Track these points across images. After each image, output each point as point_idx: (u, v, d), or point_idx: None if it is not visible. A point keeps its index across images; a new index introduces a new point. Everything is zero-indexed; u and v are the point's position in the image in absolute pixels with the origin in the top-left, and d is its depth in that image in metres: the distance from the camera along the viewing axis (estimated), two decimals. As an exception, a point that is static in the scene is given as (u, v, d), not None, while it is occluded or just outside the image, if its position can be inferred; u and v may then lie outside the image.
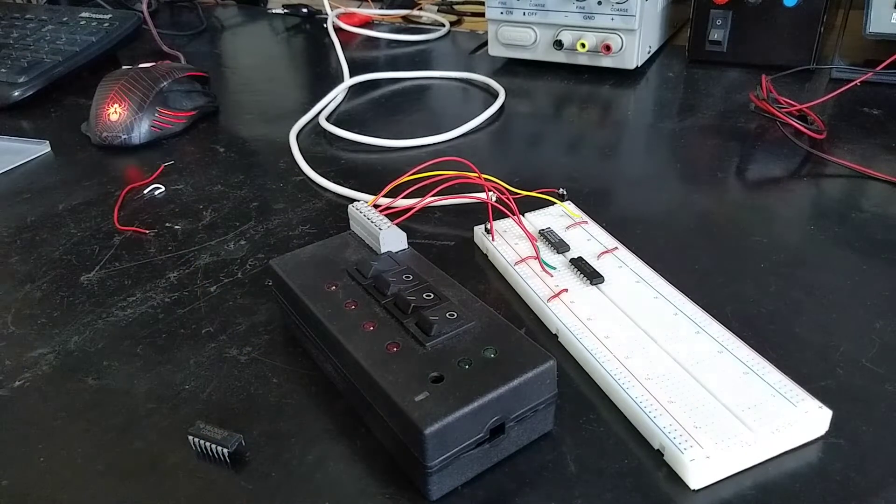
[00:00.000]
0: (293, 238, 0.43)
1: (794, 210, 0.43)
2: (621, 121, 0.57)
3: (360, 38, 0.80)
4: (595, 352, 0.31)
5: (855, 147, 0.50)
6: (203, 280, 0.39)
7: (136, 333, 0.36)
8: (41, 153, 0.56)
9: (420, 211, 0.41)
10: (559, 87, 0.64)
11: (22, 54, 0.67)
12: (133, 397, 0.32)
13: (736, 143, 0.52)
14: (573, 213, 0.41)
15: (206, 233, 0.44)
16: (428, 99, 0.63)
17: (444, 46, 0.77)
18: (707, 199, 0.45)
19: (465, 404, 0.25)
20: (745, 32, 0.63)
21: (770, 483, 0.26)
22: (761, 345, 0.31)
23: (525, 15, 0.64)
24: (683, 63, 0.67)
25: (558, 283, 0.36)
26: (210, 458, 0.28)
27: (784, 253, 0.39)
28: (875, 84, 0.58)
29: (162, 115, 0.56)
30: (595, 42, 0.63)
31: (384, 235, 0.34)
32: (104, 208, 0.47)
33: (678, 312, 0.33)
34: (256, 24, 0.89)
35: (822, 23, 0.60)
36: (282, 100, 0.65)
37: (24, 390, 0.32)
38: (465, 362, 0.27)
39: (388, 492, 0.27)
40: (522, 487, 0.26)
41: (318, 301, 0.31)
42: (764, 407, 0.28)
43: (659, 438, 0.27)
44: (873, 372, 0.31)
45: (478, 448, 0.26)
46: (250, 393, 0.31)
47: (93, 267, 0.41)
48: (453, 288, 0.31)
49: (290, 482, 0.27)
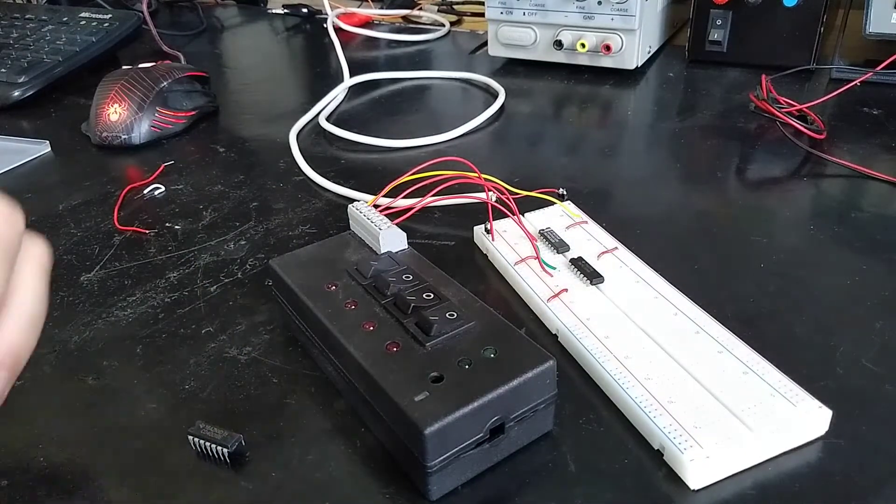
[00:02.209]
0: (293, 238, 0.43)
1: (794, 210, 0.43)
2: (621, 121, 0.57)
3: (360, 38, 0.80)
4: (595, 352, 0.31)
5: (855, 147, 0.50)
6: (203, 280, 0.39)
7: (136, 333, 0.36)
8: (41, 153, 0.56)
9: (420, 211, 0.41)
10: (559, 87, 0.64)
11: (22, 54, 0.67)
12: (133, 397, 0.32)
13: (736, 143, 0.52)
14: (573, 213, 0.41)
15: (206, 233, 0.44)
16: (428, 99, 0.63)
17: (444, 46, 0.77)
18: (707, 199, 0.45)
19: (465, 404, 0.25)
20: (745, 32, 0.63)
21: (770, 483, 0.26)
22: (761, 345, 0.31)
23: (525, 15, 0.64)
24: (683, 63, 0.67)
25: (558, 283, 0.36)
26: (210, 458, 0.28)
27: (784, 253, 0.39)
28: (875, 84, 0.58)
29: (162, 115, 0.56)
30: (595, 42, 0.63)
31: (384, 235, 0.34)
32: (104, 208, 0.47)
33: (678, 312, 0.33)
34: (256, 24, 0.89)
35: (822, 23, 0.60)
36: (282, 100, 0.65)
37: (24, 390, 0.32)
38: (464, 362, 0.27)
39: (388, 492, 0.27)
40: (522, 487, 0.26)
41: (318, 301, 0.31)
42: (764, 407, 0.28)
43: (659, 438, 0.27)
44: (873, 372, 0.31)
45: (478, 448, 0.26)
46: (250, 393, 0.31)
47: (93, 267, 0.41)
48: (453, 288, 0.31)
49: (290, 482, 0.27)
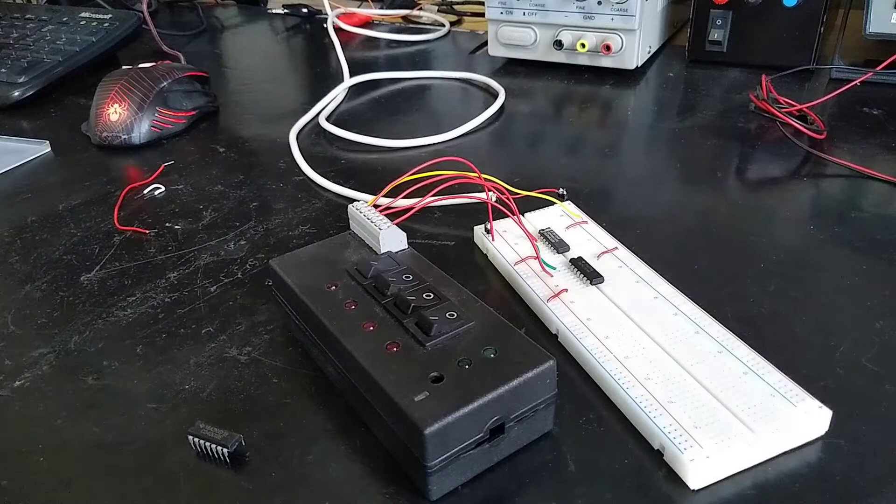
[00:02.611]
0: (293, 238, 0.43)
1: (794, 210, 0.43)
2: (621, 121, 0.57)
3: (360, 38, 0.80)
4: (595, 352, 0.31)
5: (855, 147, 0.50)
6: (203, 280, 0.39)
7: (136, 333, 0.36)
8: (41, 153, 0.56)
9: (420, 211, 0.41)
10: (559, 87, 0.64)
11: (22, 54, 0.67)
12: (133, 397, 0.32)
13: (736, 143, 0.52)
14: (573, 213, 0.41)
15: (206, 233, 0.44)
16: (428, 99, 0.63)
17: (444, 46, 0.77)
18: (707, 199, 0.45)
19: (465, 404, 0.25)
20: (745, 32, 0.63)
21: (770, 483, 0.26)
22: (761, 345, 0.31)
23: (525, 15, 0.64)
24: (683, 63, 0.67)
25: (558, 283, 0.36)
26: (210, 458, 0.28)
27: (784, 253, 0.39)
28: (875, 84, 0.58)
29: (162, 115, 0.56)
30: (595, 42, 0.63)
31: (384, 235, 0.34)
32: (104, 208, 0.47)
33: (678, 312, 0.33)
34: (256, 24, 0.89)
35: (822, 23, 0.60)
36: (282, 100, 0.65)
37: (24, 390, 0.32)
38: (464, 362, 0.27)
39: (388, 492, 0.27)
40: (522, 487, 0.26)
41: (318, 301, 0.31)
42: (764, 407, 0.28)
43: (659, 438, 0.27)
44: (873, 372, 0.31)
45: (478, 448, 0.26)
46: (250, 393, 0.31)
47: (93, 267, 0.41)
48: (453, 288, 0.31)
49: (290, 482, 0.27)
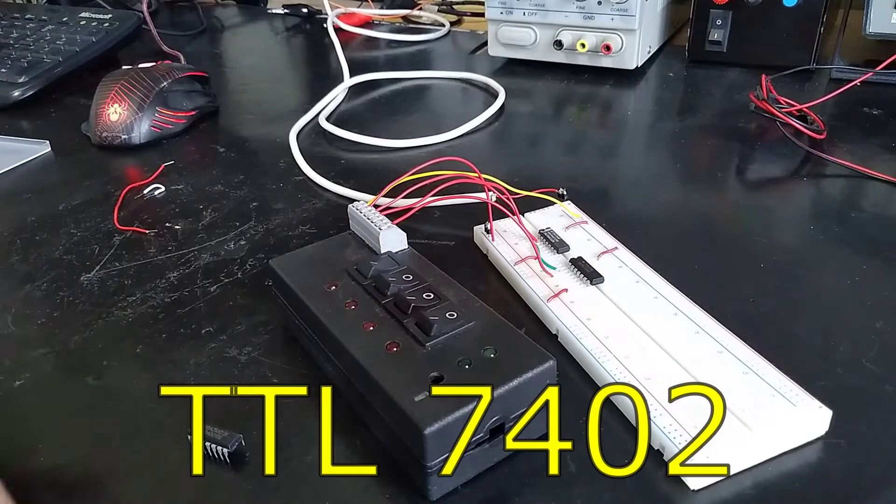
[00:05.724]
0: (293, 238, 0.43)
1: (794, 210, 0.43)
2: (621, 121, 0.57)
3: (360, 38, 0.80)
4: (595, 352, 0.31)
5: (855, 147, 0.50)
6: (203, 280, 0.39)
7: (136, 333, 0.36)
8: (41, 153, 0.56)
9: (420, 211, 0.41)
10: (559, 87, 0.64)
11: (22, 54, 0.67)
12: (133, 397, 0.32)
13: (736, 143, 0.52)
14: (573, 213, 0.41)
15: (206, 233, 0.44)
16: (428, 99, 0.63)
17: (444, 46, 0.77)
18: (707, 199, 0.45)
19: (465, 404, 0.25)
20: (745, 32, 0.63)
21: (770, 483, 0.26)
22: (761, 345, 0.31)
23: (525, 15, 0.64)
24: (683, 63, 0.67)
25: (558, 282, 0.36)
26: (210, 458, 0.28)
27: (784, 253, 0.39)
28: (875, 84, 0.58)
29: (162, 115, 0.56)
30: (595, 42, 0.63)
31: (384, 235, 0.34)
32: (104, 208, 0.47)
33: (678, 312, 0.33)
34: (256, 24, 0.89)
35: (822, 23, 0.60)
36: (282, 100, 0.65)
37: (24, 390, 0.32)
38: (465, 362, 0.27)
39: (388, 492, 0.27)
40: (522, 487, 0.26)
41: (318, 301, 0.31)
42: (764, 407, 0.28)
43: (659, 438, 0.27)
44: (873, 372, 0.31)
45: (478, 448, 0.26)
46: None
47: (93, 267, 0.41)
48: (453, 288, 0.31)
49: (290, 482, 0.27)
